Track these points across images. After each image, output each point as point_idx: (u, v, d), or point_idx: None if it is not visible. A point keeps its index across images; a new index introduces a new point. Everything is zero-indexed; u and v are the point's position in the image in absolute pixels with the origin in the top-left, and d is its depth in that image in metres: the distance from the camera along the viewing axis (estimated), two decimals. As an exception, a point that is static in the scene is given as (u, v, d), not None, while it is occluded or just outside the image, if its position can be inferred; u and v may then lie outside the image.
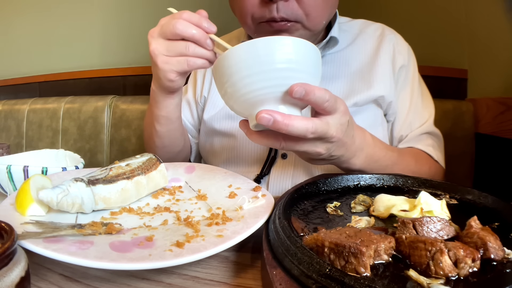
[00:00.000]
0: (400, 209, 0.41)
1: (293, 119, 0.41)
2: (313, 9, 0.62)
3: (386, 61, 0.75)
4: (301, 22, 0.64)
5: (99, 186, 0.46)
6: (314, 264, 0.28)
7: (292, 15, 0.62)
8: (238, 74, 0.41)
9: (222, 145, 0.79)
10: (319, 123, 0.43)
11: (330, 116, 0.45)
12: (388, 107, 0.75)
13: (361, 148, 0.54)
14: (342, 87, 0.73)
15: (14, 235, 0.28)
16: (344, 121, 0.47)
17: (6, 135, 1.51)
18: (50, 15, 1.65)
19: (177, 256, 0.34)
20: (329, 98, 0.43)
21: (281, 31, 0.64)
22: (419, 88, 0.78)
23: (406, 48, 0.78)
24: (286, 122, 0.40)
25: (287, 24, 0.63)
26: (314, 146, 0.46)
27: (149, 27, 0.54)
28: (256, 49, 0.40)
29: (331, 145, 0.47)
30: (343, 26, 0.78)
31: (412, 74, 0.77)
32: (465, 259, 0.28)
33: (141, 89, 1.48)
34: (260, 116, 0.40)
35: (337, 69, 0.75)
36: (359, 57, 0.76)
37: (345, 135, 0.48)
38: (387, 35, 0.77)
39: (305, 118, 0.42)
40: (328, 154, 0.49)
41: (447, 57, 1.14)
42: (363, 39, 0.77)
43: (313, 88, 0.41)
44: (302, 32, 0.66)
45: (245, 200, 0.47)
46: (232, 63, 0.41)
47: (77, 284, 0.36)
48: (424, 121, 0.75)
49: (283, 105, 0.42)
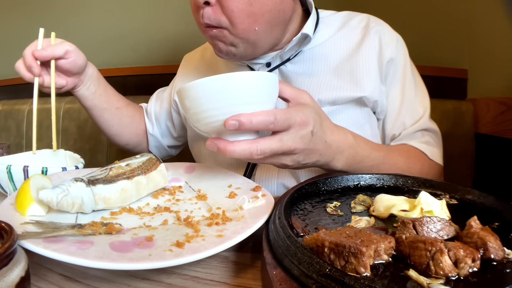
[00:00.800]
0: (400, 209, 0.41)
1: (235, 145, 0.44)
2: (236, 15, 0.61)
3: (371, 56, 0.70)
4: (226, 29, 0.63)
5: (99, 186, 0.46)
6: (314, 264, 0.28)
7: (215, 21, 0.62)
8: (195, 108, 0.46)
9: (205, 150, 0.81)
10: (267, 143, 0.45)
11: (284, 133, 0.46)
12: (374, 106, 0.71)
13: (340, 151, 0.54)
14: (319, 83, 0.70)
15: (14, 235, 0.28)
16: (305, 132, 0.47)
17: (6, 135, 1.51)
18: (50, 15, 1.65)
19: (177, 256, 0.34)
20: (274, 119, 0.44)
21: (212, 38, 0.66)
22: (411, 82, 0.73)
23: (395, 39, 0.73)
24: (228, 149, 0.44)
25: (213, 30, 0.64)
26: (276, 159, 0.48)
27: (149, 27, 0.54)
28: (207, 87, 0.44)
29: (296, 156, 0.49)
30: (325, 20, 0.75)
31: (402, 67, 0.72)
32: (465, 259, 0.28)
33: (141, 89, 1.48)
34: (207, 144, 0.46)
35: (314, 64, 0.72)
36: (339, 51, 0.72)
37: (312, 143, 0.49)
38: (372, 27, 0.72)
39: (249, 142, 0.45)
40: (297, 164, 0.50)
41: (447, 57, 1.14)
42: (345, 33, 0.73)
43: (249, 117, 0.43)
44: (233, 40, 0.65)
45: (245, 200, 0.47)
46: (189, 99, 0.46)
47: (77, 284, 0.36)
48: (419, 118, 0.72)
49: (238, 132, 0.46)
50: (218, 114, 0.44)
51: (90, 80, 0.76)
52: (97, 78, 0.78)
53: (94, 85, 0.77)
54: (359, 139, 0.59)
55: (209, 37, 0.67)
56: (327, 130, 0.52)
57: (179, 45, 1.45)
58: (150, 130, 0.93)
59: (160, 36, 1.46)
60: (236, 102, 0.44)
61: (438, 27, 1.14)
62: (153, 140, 0.94)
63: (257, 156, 0.45)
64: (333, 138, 0.53)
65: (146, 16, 1.48)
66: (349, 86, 0.69)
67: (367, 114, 0.72)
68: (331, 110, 0.69)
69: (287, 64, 0.73)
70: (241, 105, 0.44)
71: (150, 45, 1.48)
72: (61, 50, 0.66)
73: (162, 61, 1.47)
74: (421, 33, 1.13)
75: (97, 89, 0.78)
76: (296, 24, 0.73)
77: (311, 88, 0.70)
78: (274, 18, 0.64)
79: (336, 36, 0.74)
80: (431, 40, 1.15)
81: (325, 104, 0.69)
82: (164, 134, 0.95)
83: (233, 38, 0.64)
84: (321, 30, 0.74)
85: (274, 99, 0.49)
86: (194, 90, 0.45)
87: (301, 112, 0.47)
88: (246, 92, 0.44)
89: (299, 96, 0.51)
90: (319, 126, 0.50)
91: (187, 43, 1.44)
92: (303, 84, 0.71)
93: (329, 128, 0.53)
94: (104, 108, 0.81)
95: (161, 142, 0.95)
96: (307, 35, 0.69)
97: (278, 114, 0.45)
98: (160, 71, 1.46)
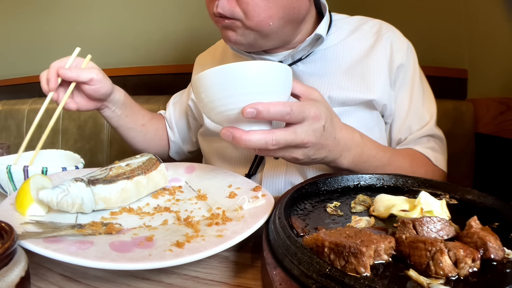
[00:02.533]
0: (400, 209, 0.41)
1: (251, 134, 0.44)
2: (251, 8, 0.61)
3: (381, 60, 0.72)
4: (240, 20, 0.63)
5: (99, 186, 0.46)
6: (314, 264, 0.28)
7: (229, 12, 0.62)
8: (209, 97, 0.45)
9: (213, 146, 0.82)
10: (282, 134, 0.45)
11: (299, 125, 0.46)
12: (383, 109, 0.73)
13: (347, 149, 0.55)
14: (330, 83, 0.71)
15: (14, 235, 0.28)
16: (318, 126, 0.48)
17: (6, 135, 1.51)
18: (50, 15, 1.65)
19: (177, 256, 0.34)
20: (290, 110, 0.44)
21: (224, 27, 0.66)
22: (420, 88, 0.75)
23: (406, 45, 0.74)
24: (243, 138, 0.44)
25: (225, 21, 0.64)
26: (288, 152, 0.48)
27: (148, 27, 0.54)
28: (223, 75, 0.44)
29: (307, 150, 0.49)
30: (338, 23, 0.76)
31: (411, 73, 0.74)
32: (465, 259, 0.28)
33: (141, 89, 1.48)
34: (222, 133, 0.46)
35: (326, 65, 0.73)
36: (350, 54, 0.73)
37: (323, 138, 0.49)
38: (384, 33, 0.74)
39: (265, 132, 0.44)
40: (307, 158, 0.50)
41: (447, 57, 1.14)
42: (357, 36, 0.75)
43: (267, 106, 0.43)
44: (245, 31, 0.65)
45: (245, 200, 0.47)
46: (204, 87, 0.45)
47: (77, 284, 0.36)
48: (425, 123, 0.73)
49: (252, 122, 0.46)
50: (233, 102, 0.44)
51: (116, 105, 0.76)
52: (123, 101, 0.77)
53: (119, 109, 0.77)
54: (366, 139, 0.59)
55: (221, 26, 0.67)
56: (336, 127, 0.52)
57: (179, 45, 1.45)
58: (172, 138, 0.94)
59: (160, 36, 1.46)
60: (251, 91, 0.44)
61: (438, 27, 1.14)
62: (174, 147, 0.95)
63: (272, 146, 0.45)
64: (342, 135, 0.53)
65: (146, 16, 1.48)
66: (359, 88, 0.70)
67: (376, 117, 0.73)
68: (341, 111, 0.70)
69: (298, 64, 0.74)
70: (256, 94, 0.44)
71: (150, 45, 1.49)
72: (86, 76, 0.65)
73: (162, 61, 1.48)
74: (421, 33, 1.13)
75: (123, 111, 0.78)
76: (310, 25, 0.74)
77: (322, 88, 0.70)
78: (288, 15, 0.65)
79: (348, 39, 0.75)
80: (431, 40, 1.15)
81: (335, 105, 0.70)
82: (185, 140, 0.95)
83: (245, 29, 0.65)
84: (334, 33, 0.75)
85: (288, 92, 0.49)
86: (210, 78, 0.44)
87: (314, 106, 0.47)
88: (262, 81, 0.44)
89: (309, 92, 0.52)
90: (330, 122, 0.50)
91: (187, 43, 1.44)
92: (314, 84, 0.71)
93: (339, 125, 0.54)
94: (129, 127, 0.81)
95: (182, 148, 0.96)
96: (320, 36, 0.69)
97: (294, 106, 0.45)
98: (160, 71, 1.46)
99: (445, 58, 1.14)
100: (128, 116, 0.80)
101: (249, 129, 0.45)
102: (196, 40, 1.40)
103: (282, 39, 0.70)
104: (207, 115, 0.49)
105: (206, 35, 1.30)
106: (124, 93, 0.77)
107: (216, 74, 0.44)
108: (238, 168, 0.77)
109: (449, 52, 1.14)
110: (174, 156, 0.97)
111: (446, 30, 1.13)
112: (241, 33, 0.65)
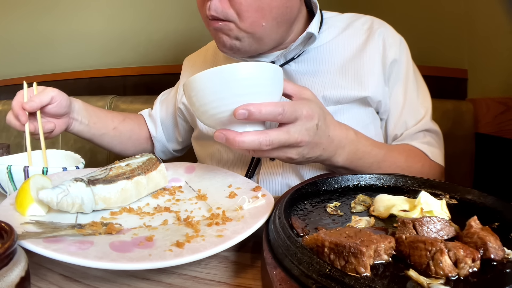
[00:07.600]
0: (400, 209, 0.41)
1: (244, 135, 0.44)
2: (244, 8, 0.61)
3: (374, 57, 0.71)
4: (233, 22, 0.63)
5: (99, 186, 0.46)
6: (314, 264, 0.28)
7: (222, 13, 0.62)
8: (200, 100, 0.46)
9: (208, 150, 0.82)
10: (275, 134, 0.45)
11: (292, 125, 0.47)
12: (378, 106, 0.72)
13: (342, 146, 0.55)
14: (323, 82, 0.71)
15: (14, 235, 0.28)
16: (311, 125, 0.48)
17: (6, 135, 1.51)
18: (50, 15, 1.65)
19: (177, 256, 0.34)
20: (282, 110, 0.45)
21: (217, 30, 0.65)
22: (414, 83, 0.74)
23: (398, 40, 0.74)
24: (237, 139, 0.44)
25: (219, 23, 0.63)
26: (283, 152, 0.49)
27: (149, 27, 0.55)
28: (213, 78, 0.44)
29: (302, 149, 0.49)
30: (330, 21, 0.76)
31: (405, 68, 0.74)
32: (465, 259, 0.28)
33: (141, 89, 1.48)
34: (215, 135, 0.46)
35: (318, 64, 0.73)
36: (343, 51, 0.73)
37: (316, 137, 0.49)
38: (376, 29, 0.73)
39: (258, 133, 0.44)
40: (302, 157, 0.50)
41: (447, 57, 1.14)
42: (349, 33, 0.74)
43: (259, 106, 0.43)
44: (238, 34, 0.64)
45: (245, 200, 0.47)
46: (196, 91, 0.45)
47: (77, 284, 0.36)
48: (420, 118, 0.72)
49: (245, 123, 0.46)
50: (224, 104, 0.44)
51: (80, 114, 0.76)
52: (84, 109, 0.78)
53: (85, 117, 0.77)
54: (360, 135, 0.59)
55: (213, 30, 0.66)
56: (330, 125, 0.53)
57: (179, 45, 1.45)
58: (154, 133, 0.93)
59: (160, 36, 1.46)
60: (243, 92, 0.44)
61: (438, 27, 1.14)
62: (159, 145, 0.95)
63: (266, 147, 0.45)
64: (336, 133, 0.54)
65: (146, 16, 1.48)
66: (353, 85, 0.70)
67: (371, 114, 0.73)
68: (336, 109, 0.70)
69: (291, 64, 0.73)
70: (248, 95, 0.44)
71: (150, 45, 1.49)
72: (47, 97, 0.66)
73: (162, 61, 1.48)
74: (421, 33, 1.13)
75: (90, 119, 0.78)
76: (301, 24, 0.74)
77: (315, 87, 0.70)
78: (281, 15, 0.65)
79: (340, 37, 0.74)
80: (431, 40, 1.15)
81: (329, 103, 0.70)
82: (170, 139, 0.95)
83: (238, 32, 0.64)
84: (326, 31, 0.74)
85: (280, 92, 0.49)
86: (200, 81, 0.44)
87: (306, 105, 0.48)
88: (252, 82, 0.44)
89: (301, 92, 0.52)
90: (323, 120, 0.50)
91: (187, 43, 1.44)
92: (307, 83, 0.71)
93: (332, 123, 0.54)
94: (102, 133, 0.82)
95: (167, 146, 0.95)
96: (312, 34, 0.69)
97: (286, 106, 0.45)
98: (160, 71, 1.46)
99: (445, 58, 1.14)
100: (96, 123, 0.80)
101: (243, 131, 0.45)
102: (196, 40, 1.40)
103: (276, 41, 0.70)
104: (200, 118, 0.49)
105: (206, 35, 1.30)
106: (81, 101, 0.78)
107: (206, 77, 0.44)
108: (234, 171, 0.76)
109: (449, 52, 1.14)
110: (160, 155, 0.97)
111: (446, 30, 1.13)
112: (234, 36, 0.65)
